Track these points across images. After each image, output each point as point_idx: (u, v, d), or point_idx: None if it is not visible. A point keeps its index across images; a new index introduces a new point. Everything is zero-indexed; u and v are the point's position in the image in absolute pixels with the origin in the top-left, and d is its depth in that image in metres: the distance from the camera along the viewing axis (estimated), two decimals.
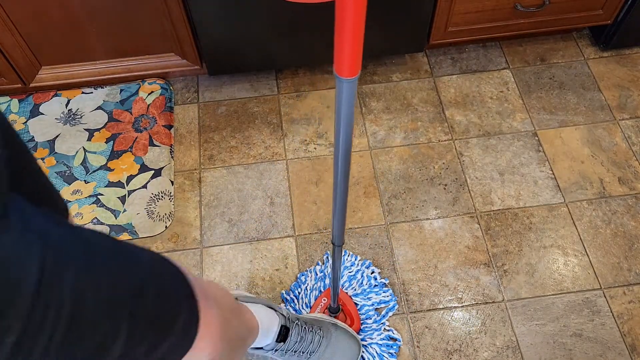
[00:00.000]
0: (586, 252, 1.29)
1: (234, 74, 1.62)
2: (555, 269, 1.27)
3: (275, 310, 1.02)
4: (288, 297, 1.23)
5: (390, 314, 1.21)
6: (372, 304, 1.22)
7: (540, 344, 1.18)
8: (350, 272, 1.26)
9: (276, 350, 1.01)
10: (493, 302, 1.23)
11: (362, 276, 1.25)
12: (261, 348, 1.01)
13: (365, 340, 1.18)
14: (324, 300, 1.20)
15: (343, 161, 0.68)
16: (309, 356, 1.05)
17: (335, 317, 1.19)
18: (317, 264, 1.28)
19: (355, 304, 1.22)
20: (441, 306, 1.23)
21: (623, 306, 1.22)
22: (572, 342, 1.18)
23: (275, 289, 1.26)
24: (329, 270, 1.26)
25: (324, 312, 1.19)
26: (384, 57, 1.65)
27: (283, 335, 1.00)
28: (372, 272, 1.26)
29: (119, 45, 1.43)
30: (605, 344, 1.18)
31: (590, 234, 1.32)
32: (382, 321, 1.20)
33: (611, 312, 1.21)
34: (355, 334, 1.15)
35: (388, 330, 1.19)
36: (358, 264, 1.27)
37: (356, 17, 0.46)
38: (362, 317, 1.21)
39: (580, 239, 1.31)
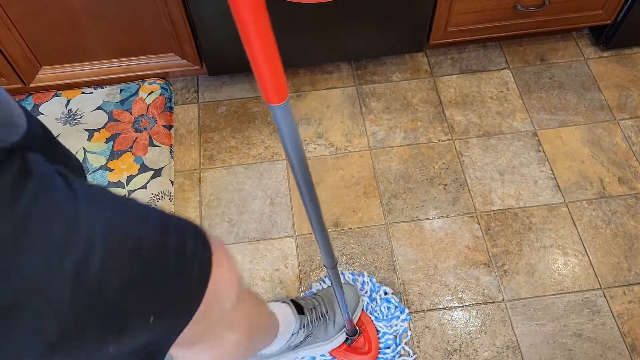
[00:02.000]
0: (586, 252, 1.29)
1: (234, 74, 1.62)
2: (555, 269, 1.27)
3: (278, 301, 1.09)
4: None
5: (407, 337, 1.18)
6: (393, 332, 1.18)
7: (540, 344, 1.18)
8: (365, 292, 1.22)
9: (303, 327, 1.05)
10: (493, 302, 1.23)
11: (377, 296, 1.22)
12: (291, 337, 1.05)
13: None
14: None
15: (303, 181, 0.65)
16: (328, 317, 1.10)
17: (353, 340, 1.15)
18: (323, 281, 1.26)
19: (377, 330, 1.18)
20: (441, 306, 1.23)
21: (623, 306, 1.22)
22: (572, 342, 1.18)
23: (275, 289, 1.26)
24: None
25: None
26: (384, 57, 1.65)
27: (297, 308, 1.06)
28: (386, 294, 1.22)
29: (119, 45, 1.43)
30: (605, 344, 1.18)
31: (590, 234, 1.32)
32: (397, 350, 1.17)
33: (611, 312, 1.21)
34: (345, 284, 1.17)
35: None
36: (368, 282, 1.23)
37: (264, 44, 0.45)
38: (381, 345, 1.17)
39: (580, 239, 1.31)
